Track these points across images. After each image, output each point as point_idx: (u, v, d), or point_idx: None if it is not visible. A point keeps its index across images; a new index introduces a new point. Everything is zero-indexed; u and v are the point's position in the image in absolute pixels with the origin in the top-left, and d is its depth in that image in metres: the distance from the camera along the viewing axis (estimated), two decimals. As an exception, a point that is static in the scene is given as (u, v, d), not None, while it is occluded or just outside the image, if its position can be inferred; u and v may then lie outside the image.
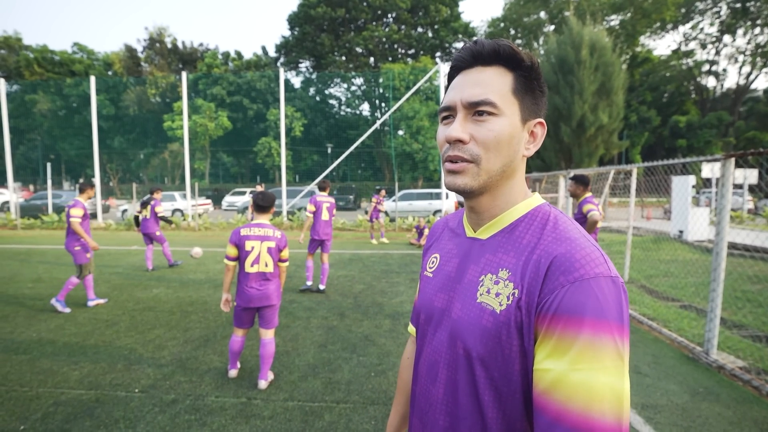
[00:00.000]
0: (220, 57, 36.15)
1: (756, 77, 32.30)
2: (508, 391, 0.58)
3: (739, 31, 31.52)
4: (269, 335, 2.97)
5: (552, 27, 33.24)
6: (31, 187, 34.87)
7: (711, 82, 35.01)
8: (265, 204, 2.98)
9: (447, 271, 0.73)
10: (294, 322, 4.32)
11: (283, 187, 13.90)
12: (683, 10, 32.49)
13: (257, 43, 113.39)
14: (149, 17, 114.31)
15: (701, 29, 33.17)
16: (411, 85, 25.74)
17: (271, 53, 38.60)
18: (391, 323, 4.32)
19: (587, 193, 4.17)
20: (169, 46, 37.76)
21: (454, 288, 0.69)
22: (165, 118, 29.12)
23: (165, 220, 7.15)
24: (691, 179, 10.43)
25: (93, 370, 3.19)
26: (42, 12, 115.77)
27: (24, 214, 14.91)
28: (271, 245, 2.89)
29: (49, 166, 15.25)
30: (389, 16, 35.81)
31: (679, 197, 10.10)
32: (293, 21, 35.69)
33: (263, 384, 2.93)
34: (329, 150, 31.18)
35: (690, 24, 33.41)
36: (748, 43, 31.53)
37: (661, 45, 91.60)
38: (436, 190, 16.82)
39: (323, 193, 5.59)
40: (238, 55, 36.93)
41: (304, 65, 38.52)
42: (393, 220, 13.91)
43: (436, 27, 35.16)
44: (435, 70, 16.68)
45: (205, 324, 4.26)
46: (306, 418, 2.57)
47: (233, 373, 3.08)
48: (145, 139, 33.66)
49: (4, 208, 18.80)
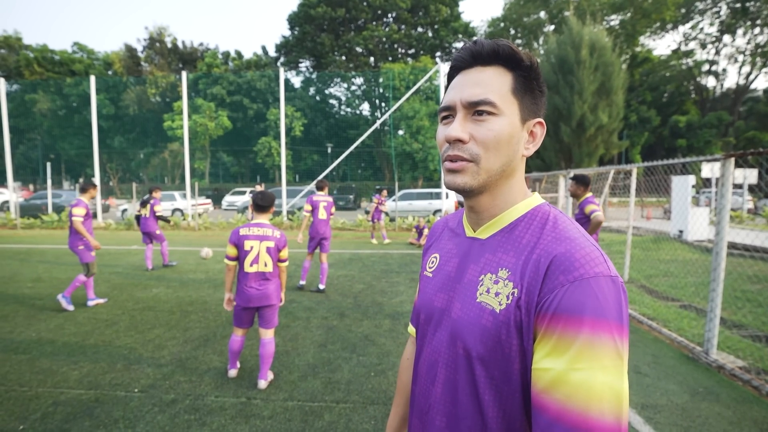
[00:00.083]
0: (220, 57, 36.16)
1: (756, 77, 32.32)
2: (508, 390, 0.59)
3: (739, 31, 31.53)
4: (269, 335, 2.97)
5: (552, 27, 33.23)
6: (30, 186, 34.84)
7: (711, 82, 35.08)
8: (265, 204, 2.98)
9: (447, 271, 0.73)
10: (294, 322, 4.32)
11: (283, 187, 13.91)
12: (683, 10, 32.48)
13: (257, 42, 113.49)
14: (149, 17, 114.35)
15: (701, 29, 33.17)
16: (411, 85, 25.73)
17: (271, 53, 38.63)
18: (390, 323, 4.32)
19: (588, 193, 4.15)
20: (169, 45, 37.75)
21: (453, 288, 0.69)
22: (165, 117, 29.12)
23: (163, 219, 7.16)
24: (691, 179, 10.43)
25: (92, 369, 3.19)
26: (42, 12, 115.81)
27: (24, 213, 14.91)
28: (270, 245, 2.89)
29: (48, 165, 15.24)
30: (389, 15, 35.81)
31: (679, 197, 10.10)
32: (293, 21, 35.69)
33: (263, 384, 2.93)
34: (329, 150, 31.17)
35: (690, 24, 33.42)
36: (747, 43, 31.54)
37: (661, 45, 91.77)
38: (436, 190, 16.81)
39: (320, 193, 5.59)
40: (238, 54, 36.94)
41: (304, 65, 38.55)
42: (393, 220, 13.91)
43: (436, 27, 35.15)
44: (435, 70, 16.67)
45: (204, 324, 4.26)
46: (306, 418, 2.57)
47: (233, 372, 3.08)
48: (145, 138, 33.67)
49: (4, 207, 18.78)
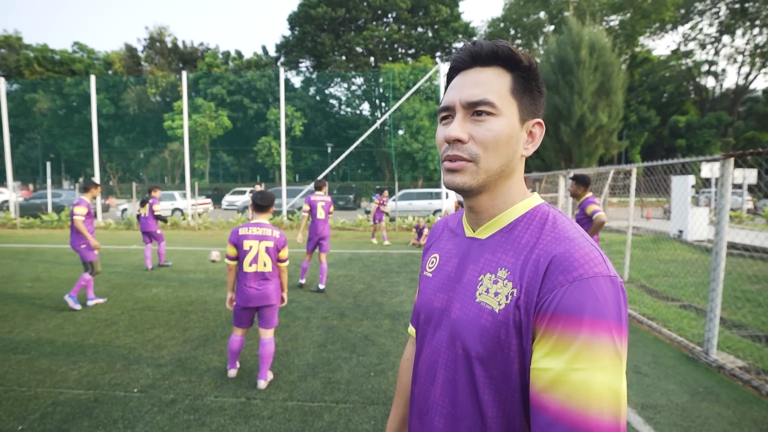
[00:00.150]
0: (221, 56, 36.15)
1: (755, 77, 32.35)
2: (507, 390, 0.59)
3: (738, 32, 31.55)
4: (269, 335, 2.97)
5: (552, 27, 33.26)
6: (30, 186, 34.82)
7: (710, 83, 35.10)
8: (264, 203, 2.97)
9: (446, 271, 0.73)
10: (293, 322, 4.31)
11: (283, 187, 13.91)
12: (682, 11, 32.51)
13: (257, 42, 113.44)
14: (149, 17, 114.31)
15: (700, 30, 33.19)
16: (411, 85, 25.73)
17: (272, 53, 38.63)
18: (390, 323, 4.32)
19: (588, 193, 4.13)
20: (170, 45, 37.74)
21: (453, 288, 0.69)
22: (165, 117, 29.11)
23: (161, 218, 7.15)
24: (691, 179, 10.43)
25: (92, 369, 3.19)
26: (42, 11, 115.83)
27: (23, 213, 14.90)
28: (270, 245, 2.88)
29: (48, 165, 15.24)
30: (389, 16, 35.80)
31: (679, 197, 10.10)
32: (293, 21, 35.69)
33: (262, 384, 2.92)
34: (329, 149, 31.17)
35: (689, 24, 33.44)
36: (747, 43, 31.56)
37: (661, 45, 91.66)
38: (436, 190, 16.81)
39: (319, 193, 5.60)
40: (239, 54, 36.93)
41: (304, 65, 38.54)
42: (393, 220, 13.91)
43: (436, 27, 35.15)
44: (435, 70, 16.66)
45: (204, 324, 4.26)
46: (305, 418, 2.56)
47: (232, 372, 3.08)
48: (145, 138, 33.66)
49: (4, 207, 18.77)
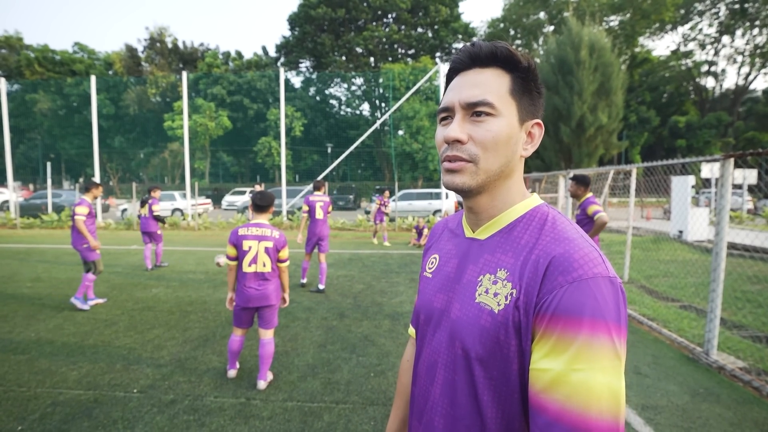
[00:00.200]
0: (221, 57, 36.17)
1: (755, 78, 32.38)
2: (506, 391, 0.59)
3: (738, 32, 31.58)
4: (268, 335, 2.96)
5: (551, 27, 33.29)
6: (30, 186, 34.83)
7: (710, 83, 35.12)
8: (264, 204, 2.97)
9: (446, 272, 0.73)
10: (293, 322, 4.31)
11: (283, 187, 13.91)
12: (682, 11, 32.54)
13: (258, 42, 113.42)
14: (150, 17, 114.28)
15: (700, 30, 33.22)
16: (411, 85, 25.74)
17: (272, 53, 38.64)
18: (390, 323, 4.32)
19: (588, 193, 4.11)
20: (170, 45, 37.75)
21: (453, 288, 0.69)
22: (165, 117, 29.13)
23: (159, 219, 7.13)
24: (691, 179, 10.43)
25: (91, 370, 3.19)
26: (43, 12, 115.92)
27: (23, 213, 14.91)
28: (269, 245, 2.88)
29: (49, 165, 15.23)
30: (389, 16, 35.82)
31: (679, 197, 10.10)
32: (293, 21, 35.71)
33: (262, 384, 2.92)
34: (329, 150, 31.18)
35: (689, 25, 33.47)
36: (746, 43, 31.59)
37: (661, 45, 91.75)
38: (435, 190, 16.82)
39: (318, 193, 5.62)
40: (239, 54, 36.94)
41: (304, 65, 38.56)
42: (393, 220, 13.91)
43: (436, 27, 35.17)
44: (435, 70, 16.66)
45: (204, 324, 4.25)
46: (305, 419, 2.56)
47: (232, 373, 3.08)
48: (145, 138, 33.67)
49: (4, 207, 18.77)
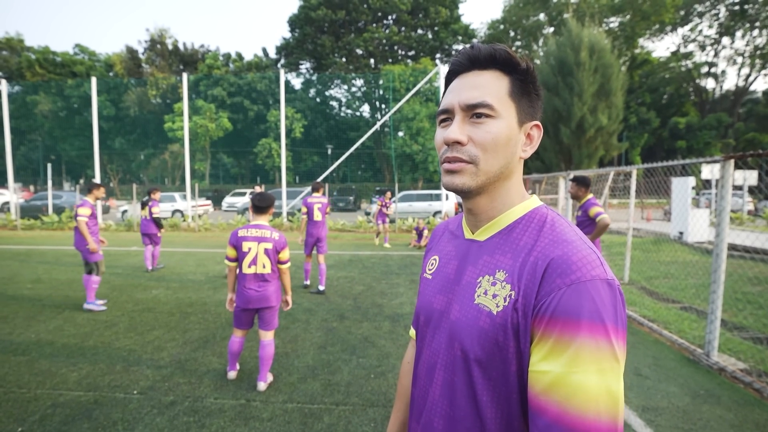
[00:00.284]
0: (221, 58, 36.21)
1: (755, 79, 32.39)
2: (505, 392, 0.59)
3: (738, 33, 31.60)
4: (269, 337, 2.96)
5: (551, 29, 33.31)
6: (31, 187, 34.90)
7: (710, 84, 35.14)
8: (263, 205, 2.97)
9: (446, 273, 0.73)
10: (293, 324, 4.31)
11: (283, 188, 13.92)
12: (682, 13, 32.57)
13: (258, 44, 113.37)
14: (150, 19, 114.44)
15: (700, 31, 33.26)
16: (411, 87, 25.76)
17: (272, 55, 38.67)
18: (390, 325, 4.32)
19: (589, 194, 4.09)
20: (170, 47, 37.81)
21: (452, 290, 0.70)
22: (165, 119, 29.16)
23: (157, 222, 7.08)
24: (691, 180, 10.43)
25: (91, 371, 3.18)
26: (44, 13, 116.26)
27: (24, 214, 14.93)
28: (268, 246, 2.87)
29: (49, 166, 15.25)
30: (389, 17, 35.86)
31: (679, 198, 10.10)
32: (294, 23, 35.77)
33: (262, 386, 2.92)
34: (329, 151, 31.20)
35: (689, 26, 33.50)
36: (746, 45, 31.61)
37: (660, 47, 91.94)
38: (436, 192, 16.83)
39: (316, 194, 5.63)
40: (239, 56, 36.99)
41: (304, 67, 38.58)
42: (393, 221, 13.91)
43: (436, 29, 35.22)
44: (435, 72, 16.68)
45: (204, 325, 4.25)
46: (305, 420, 2.56)
47: (232, 374, 3.07)
48: (146, 140, 33.71)
49: (5, 208, 18.81)
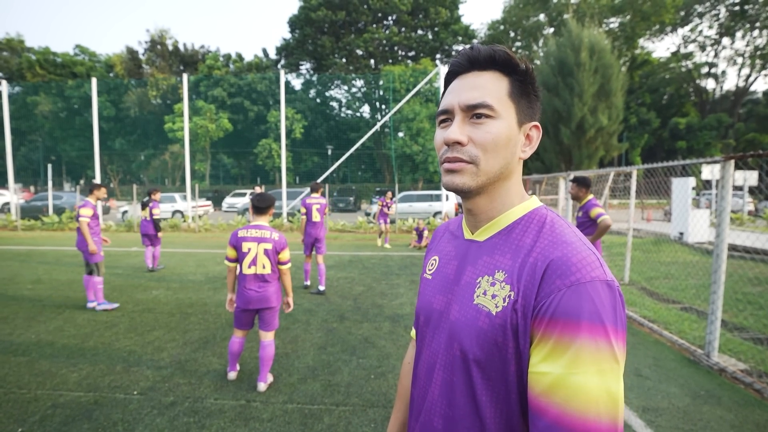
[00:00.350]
0: (221, 59, 36.22)
1: (755, 79, 32.38)
2: (504, 392, 0.59)
3: (738, 34, 31.59)
4: (269, 337, 2.96)
5: (551, 29, 33.32)
6: (31, 188, 34.92)
7: (710, 84, 35.13)
8: (263, 205, 2.96)
9: (446, 273, 0.73)
10: (293, 324, 4.31)
11: (284, 189, 13.93)
12: (682, 13, 32.57)
13: (258, 45, 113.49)
14: (151, 20, 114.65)
15: (700, 32, 33.26)
16: (411, 87, 25.76)
17: (272, 55, 38.67)
18: (391, 325, 4.32)
19: (589, 195, 4.07)
20: (170, 48, 37.83)
21: (452, 290, 0.70)
22: (166, 119, 29.16)
23: (155, 224, 7.06)
24: (691, 181, 10.43)
25: (92, 372, 3.19)
26: (44, 14, 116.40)
27: (24, 215, 14.93)
28: (268, 247, 2.87)
29: (50, 167, 15.25)
30: (389, 18, 35.87)
31: (679, 199, 10.09)
32: (294, 23, 35.78)
33: (262, 386, 2.92)
34: (329, 152, 31.20)
35: (689, 26, 33.50)
36: (746, 45, 31.61)
37: (661, 47, 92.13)
38: (436, 192, 16.82)
39: (315, 195, 5.64)
40: (239, 57, 37.00)
41: (304, 67, 38.59)
42: (393, 222, 13.91)
43: (436, 29, 35.22)
44: (435, 72, 16.68)
45: (204, 326, 4.25)
46: (305, 421, 2.56)
47: (232, 375, 3.07)
48: (146, 140, 33.72)
49: (5, 209, 18.81)
